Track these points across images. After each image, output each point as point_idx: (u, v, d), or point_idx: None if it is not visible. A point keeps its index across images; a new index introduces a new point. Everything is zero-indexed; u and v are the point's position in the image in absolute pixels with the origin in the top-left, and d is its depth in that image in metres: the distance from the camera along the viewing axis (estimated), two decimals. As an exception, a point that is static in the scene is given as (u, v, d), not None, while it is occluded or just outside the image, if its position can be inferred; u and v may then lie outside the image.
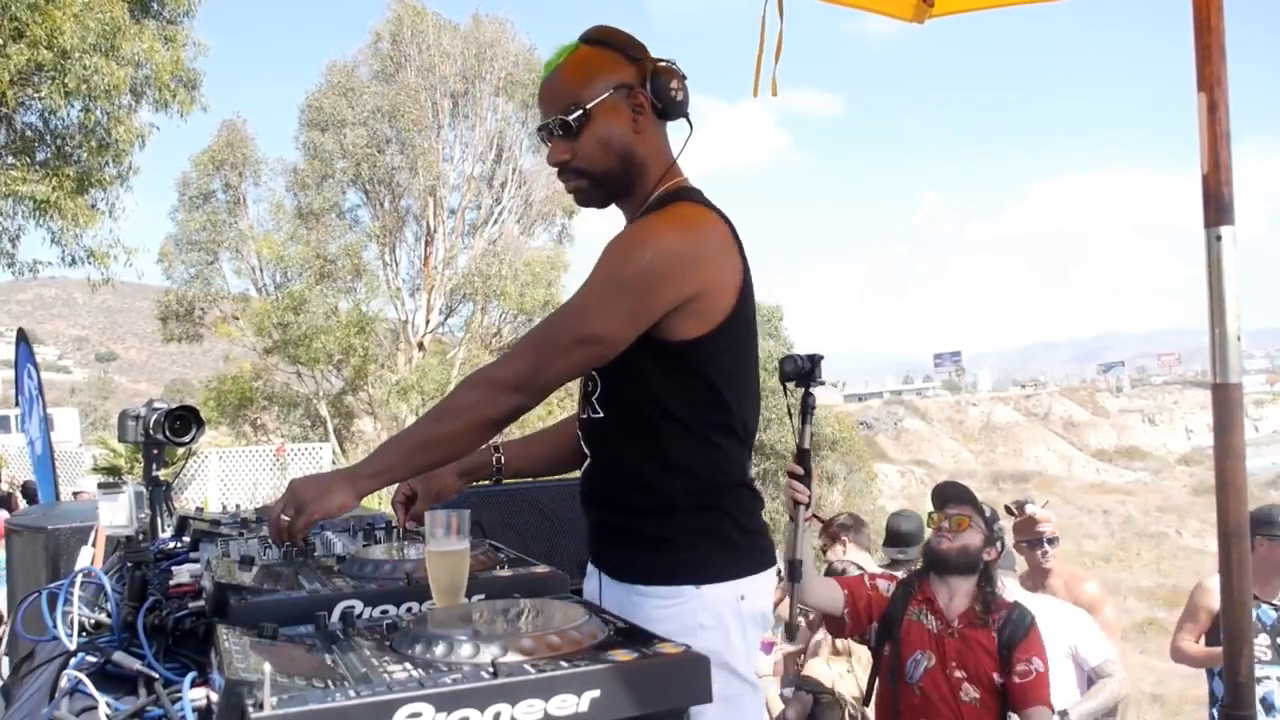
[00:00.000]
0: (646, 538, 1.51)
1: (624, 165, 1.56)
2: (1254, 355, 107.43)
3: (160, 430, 2.28)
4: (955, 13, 2.32)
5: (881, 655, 2.62)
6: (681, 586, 1.46)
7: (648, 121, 1.55)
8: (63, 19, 8.51)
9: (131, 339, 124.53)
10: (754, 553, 1.54)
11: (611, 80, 1.53)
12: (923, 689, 2.50)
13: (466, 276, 17.86)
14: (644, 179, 1.58)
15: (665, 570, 1.48)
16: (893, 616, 2.59)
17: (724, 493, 1.53)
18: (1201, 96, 1.69)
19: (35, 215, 9.39)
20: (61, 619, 1.27)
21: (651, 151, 1.58)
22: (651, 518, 1.50)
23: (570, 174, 1.58)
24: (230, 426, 18.42)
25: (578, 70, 1.55)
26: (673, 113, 1.57)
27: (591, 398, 1.56)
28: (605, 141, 1.53)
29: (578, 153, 1.54)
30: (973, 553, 2.56)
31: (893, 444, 54.91)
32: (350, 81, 17.66)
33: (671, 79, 1.54)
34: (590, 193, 1.60)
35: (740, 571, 1.50)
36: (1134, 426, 65.06)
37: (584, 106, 1.51)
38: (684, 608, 1.44)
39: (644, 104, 1.54)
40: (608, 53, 1.56)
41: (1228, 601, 1.68)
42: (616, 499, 1.55)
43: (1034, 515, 3.79)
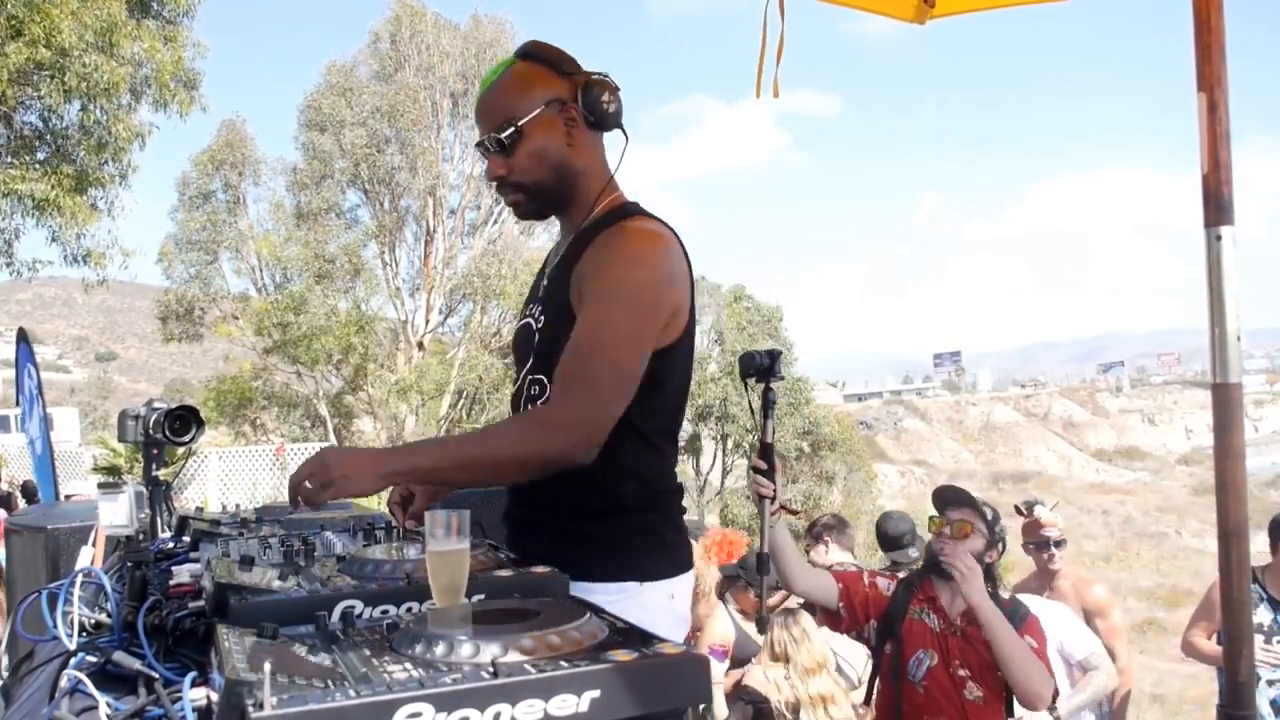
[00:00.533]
0: (595, 538, 1.54)
1: (558, 178, 1.60)
2: (1254, 355, 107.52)
3: (160, 430, 2.28)
4: (956, 13, 2.32)
5: (883, 654, 2.62)
6: (626, 583, 1.52)
7: (582, 134, 1.59)
8: (60, 17, 8.51)
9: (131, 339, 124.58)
10: (681, 554, 1.62)
11: (544, 95, 1.56)
12: (926, 687, 2.50)
13: (466, 276, 17.87)
14: (581, 191, 1.62)
15: (613, 567, 1.52)
16: (894, 615, 2.59)
17: (663, 496, 1.62)
18: (1201, 96, 1.69)
19: (34, 214, 9.39)
20: (61, 619, 1.27)
21: (587, 164, 1.62)
22: (602, 519, 1.54)
23: (507, 188, 1.61)
24: (230, 426, 18.43)
25: (511, 87, 1.58)
26: (606, 124, 1.60)
27: (537, 401, 1.59)
28: (539, 155, 1.57)
29: (513, 168, 1.58)
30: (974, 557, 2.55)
31: (892, 444, 54.96)
32: (349, 81, 17.67)
33: (604, 91, 1.58)
34: (527, 206, 1.64)
35: (672, 571, 1.58)
36: (1134, 426, 65.11)
37: (517, 123, 1.55)
38: (628, 604, 1.45)
39: (576, 117, 1.57)
40: (540, 68, 1.59)
41: (1227, 601, 1.68)
42: (567, 502, 1.56)
43: (1041, 518, 3.78)
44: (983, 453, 57.23)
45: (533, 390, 1.61)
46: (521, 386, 1.65)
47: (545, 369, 1.58)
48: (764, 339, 21.29)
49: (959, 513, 2.61)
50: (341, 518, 1.85)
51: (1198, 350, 47.00)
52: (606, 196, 1.63)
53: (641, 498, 1.57)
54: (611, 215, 1.61)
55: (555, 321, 1.58)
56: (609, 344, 1.46)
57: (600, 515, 1.55)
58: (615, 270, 1.51)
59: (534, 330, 1.64)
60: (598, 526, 1.55)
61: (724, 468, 21.65)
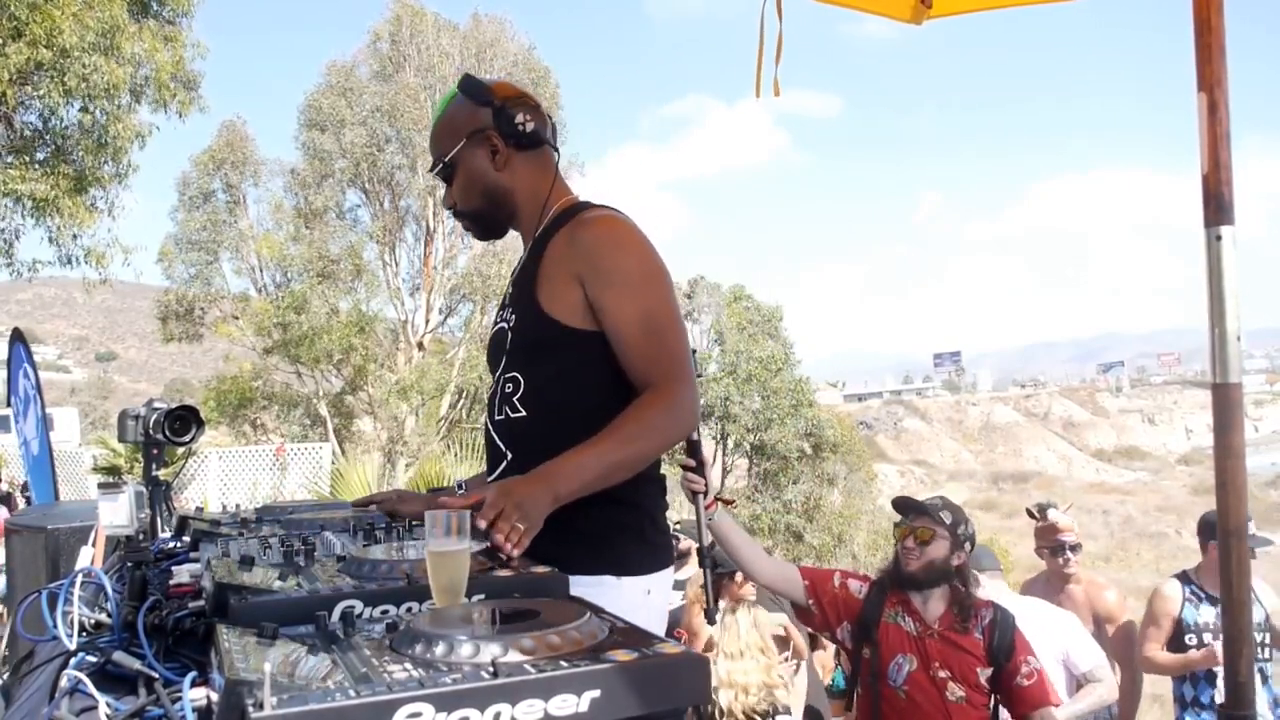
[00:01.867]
0: (570, 531, 1.54)
1: (492, 201, 1.71)
2: (1254, 355, 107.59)
3: (160, 430, 2.28)
4: (953, 14, 2.32)
5: (860, 658, 2.61)
6: (602, 576, 1.54)
7: (508, 156, 1.68)
8: (62, 18, 8.52)
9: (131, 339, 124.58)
10: (662, 551, 1.65)
11: (465, 129, 1.68)
12: (907, 692, 2.49)
13: (466, 276, 17.87)
14: (522, 208, 1.72)
15: (588, 560, 1.53)
16: (869, 619, 2.58)
17: (642, 488, 1.63)
18: (1201, 96, 1.69)
19: (34, 214, 9.39)
20: (61, 619, 1.27)
21: (520, 183, 1.71)
22: (576, 512, 1.52)
23: (458, 216, 1.76)
24: (230, 426, 18.42)
25: (442, 125, 1.72)
26: (527, 143, 1.69)
27: (512, 398, 1.65)
28: (470, 185, 1.70)
29: (456, 198, 1.73)
30: (940, 565, 2.56)
31: (892, 444, 54.96)
32: (350, 81, 17.67)
33: (518, 112, 1.66)
34: (475, 229, 1.78)
35: (650, 567, 1.61)
36: (1134, 426, 65.13)
37: (445, 158, 1.69)
38: (604, 598, 1.44)
39: (498, 143, 1.67)
40: (463, 103, 1.70)
41: (1227, 601, 1.68)
42: None
43: (1056, 522, 3.76)
44: (983, 453, 57.23)
45: (507, 388, 1.66)
46: (497, 386, 1.70)
47: (519, 366, 1.66)
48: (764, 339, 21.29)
49: (920, 520, 2.61)
50: (341, 518, 1.85)
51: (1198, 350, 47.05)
52: (554, 204, 1.72)
53: (622, 493, 1.57)
54: (564, 215, 1.68)
55: (526, 321, 1.65)
56: (666, 323, 1.58)
57: (575, 508, 1.53)
58: (620, 258, 1.59)
59: (507, 331, 1.70)
60: (574, 518, 1.54)
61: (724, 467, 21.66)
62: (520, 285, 1.70)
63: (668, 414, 1.53)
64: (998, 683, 2.50)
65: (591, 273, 1.57)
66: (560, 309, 1.60)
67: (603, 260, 1.58)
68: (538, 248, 1.68)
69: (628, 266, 1.58)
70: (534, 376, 1.63)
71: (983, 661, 2.49)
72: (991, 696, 2.51)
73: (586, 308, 1.59)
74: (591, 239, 1.60)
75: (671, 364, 1.55)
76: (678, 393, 1.53)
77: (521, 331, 1.66)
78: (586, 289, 1.58)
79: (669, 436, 1.55)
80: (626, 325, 1.56)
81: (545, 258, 1.65)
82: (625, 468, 1.52)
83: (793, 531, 19.11)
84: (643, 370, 1.56)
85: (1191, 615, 3.49)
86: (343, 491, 8.57)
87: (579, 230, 1.62)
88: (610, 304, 1.57)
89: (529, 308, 1.64)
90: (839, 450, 21.12)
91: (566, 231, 1.64)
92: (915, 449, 55.35)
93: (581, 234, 1.61)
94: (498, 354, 1.73)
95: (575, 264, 1.59)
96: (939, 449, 56.47)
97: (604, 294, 1.57)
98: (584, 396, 1.59)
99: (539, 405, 1.63)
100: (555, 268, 1.62)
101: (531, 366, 1.64)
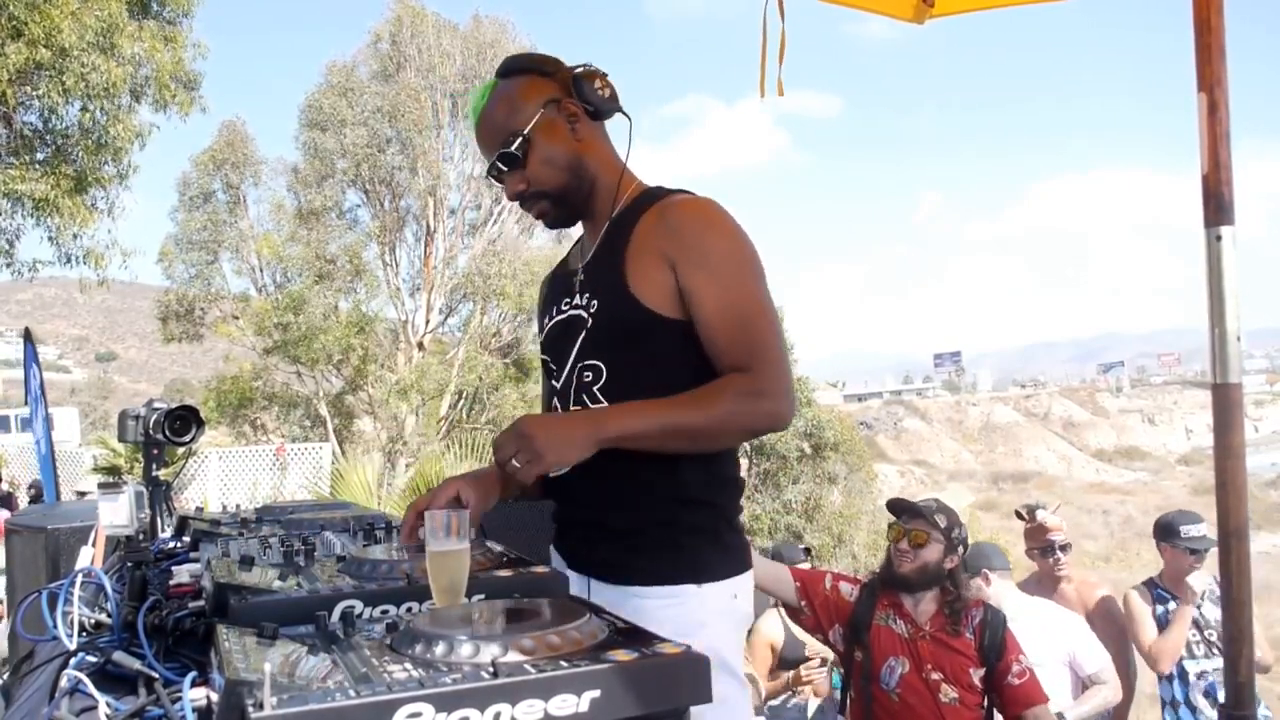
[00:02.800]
0: (649, 538, 1.48)
1: (576, 176, 1.59)
2: (1254, 355, 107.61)
3: (160, 430, 2.28)
4: (955, 13, 2.33)
5: (852, 661, 2.60)
6: (683, 586, 1.45)
7: (585, 127, 1.59)
8: (60, 17, 8.51)
9: (131, 339, 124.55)
10: (741, 552, 1.56)
11: (539, 99, 1.57)
12: (900, 695, 2.49)
13: (466, 276, 17.86)
14: (599, 184, 1.62)
15: (668, 570, 1.46)
16: (860, 621, 2.58)
17: (722, 488, 1.55)
18: (1201, 96, 1.69)
19: (34, 214, 9.39)
20: (61, 619, 1.27)
21: (598, 156, 1.62)
22: (653, 517, 1.48)
23: (531, 200, 1.61)
24: (230, 426, 18.42)
25: (504, 103, 1.59)
26: (606, 111, 1.60)
27: (592, 388, 1.54)
28: (552, 159, 1.57)
29: (530, 179, 1.58)
30: (933, 568, 2.56)
31: (893, 444, 54.94)
32: (350, 81, 17.66)
33: (594, 80, 1.58)
34: (555, 213, 1.64)
35: (732, 570, 1.52)
36: (1134, 426, 65.11)
37: (521, 133, 1.55)
38: (685, 607, 1.43)
39: (576, 111, 1.57)
40: (525, 78, 1.60)
41: (1228, 601, 1.68)
42: (619, 497, 1.50)
43: (1045, 522, 3.76)
44: (983, 453, 57.22)
45: (585, 377, 1.55)
46: (571, 376, 1.58)
47: (600, 354, 1.55)
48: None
49: (914, 523, 2.61)
50: (341, 518, 1.85)
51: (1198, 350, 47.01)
52: (628, 184, 1.63)
53: (699, 490, 1.50)
54: (644, 197, 1.60)
55: (611, 306, 1.54)
56: (757, 311, 1.49)
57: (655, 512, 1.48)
58: (715, 242, 1.50)
59: (583, 318, 1.58)
60: (653, 523, 1.48)
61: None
62: (600, 269, 1.59)
63: (748, 398, 1.43)
64: (989, 682, 2.50)
65: (683, 255, 1.49)
66: (649, 293, 1.51)
67: (696, 242, 1.49)
68: (618, 229, 1.58)
69: (721, 249, 1.50)
70: (618, 364, 1.53)
71: (975, 662, 2.49)
72: (984, 697, 2.51)
73: (676, 293, 1.50)
74: (684, 220, 1.52)
75: (763, 352, 1.46)
76: (761, 382, 1.44)
77: (605, 317, 1.55)
78: (677, 272, 1.49)
79: (744, 421, 1.45)
80: (716, 311, 1.48)
81: (632, 239, 1.55)
82: (685, 436, 1.42)
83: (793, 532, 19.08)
84: (731, 359, 1.47)
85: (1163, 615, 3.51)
86: (343, 491, 8.56)
87: (670, 211, 1.54)
88: (700, 288, 1.48)
89: (615, 291, 1.53)
90: (839, 450, 21.09)
91: (655, 212, 1.55)
92: (915, 449, 55.33)
93: (673, 214, 1.53)
94: (566, 342, 1.61)
95: (666, 245, 1.51)
96: (939, 449, 56.45)
97: (695, 277, 1.48)
98: (671, 388, 1.47)
99: (623, 395, 1.51)
100: (644, 249, 1.53)
101: (616, 354, 1.53)
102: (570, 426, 1.40)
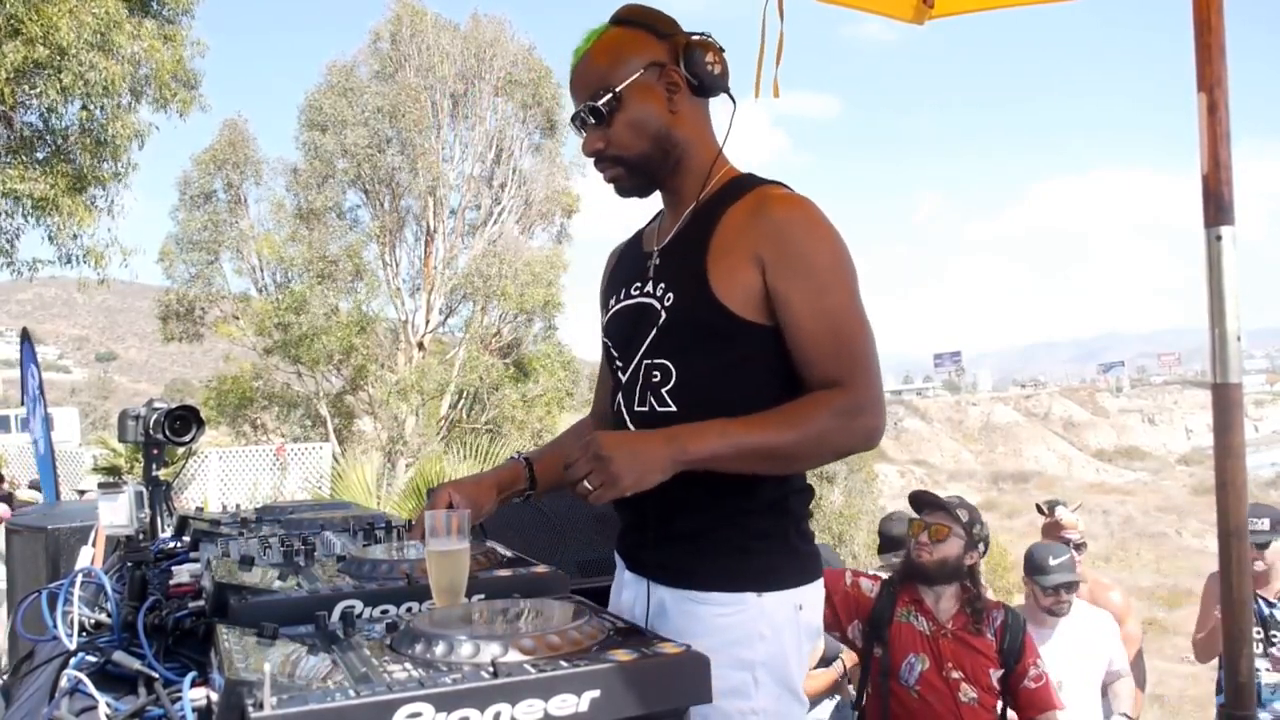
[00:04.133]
0: (713, 542, 1.41)
1: (661, 149, 1.47)
2: (1254, 355, 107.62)
3: (160, 430, 2.28)
4: (955, 14, 2.32)
5: (870, 657, 2.59)
6: (744, 594, 1.38)
7: (684, 100, 1.46)
8: (59, 16, 8.49)
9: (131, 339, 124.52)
10: (810, 560, 1.47)
11: (641, 60, 1.44)
12: (920, 692, 2.48)
13: (466, 276, 17.85)
14: (687, 162, 1.49)
15: (729, 576, 1.39)
16: (880, 618, 2.57)
17: (793, 494, 1.45)
18: (1201, 96, 1.69)
19: (34, 214, 9.38)
20: (61, 619, 1.27)
21: (691, 133, 1.48)
22: (721, 520, 1.40)
23: (606, 162, 1.49)
24: (230, 426, 18.40)
25: (606, 53, 1.46)
26: (712, 88, 1.47)
27: (660, 389, 1.44)
28: (639, 125, 1.44)
29: (611, 140, 1.46)
30: (953, 563, 2.55)
31: (893, 444, 54.91)
32: (350, 81, 17.65)
33: (707, 52, 1.45)
34: (628, 181, 1.50)
35: (799, 580, 1.43)
36: (1134, 426, 65.11)
37: (614, 90, 1.43)
38: (744, 616, 1.37)
39: (679, 82, 1.45)
40: (636, 31, 1.47)
41: (1227, 601, 1.68)
42: (687, 499, 1.39)
43: (1062, 519, 3.75)
44: (983, 453, 57.21)
45: (654, 376, 1.45)
46: (638, 373, 1.48)
47: (671, 353, 1.44)
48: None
49: (934, 516, 2.60)
50: (341, 517, 1.85)
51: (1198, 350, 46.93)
52: (720, 168, 1.51)
53: (768, 494, 1.41)
54: (736, 185, 1.48)
55: (688, 301, 1.43)
56: (853, 320, 1.38)
57: (721, 515, 1.40)
58: (811, 246, 1.38)
59: (657, 310, 1.46)
60: (718, 527, 1.41)
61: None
62: (680, 257, 1.47)
63: (840, 417, 1.32)
64: (1006, 684, 2.50)
65: (776, 257, 1.37)
66: (733, 295, 1.38)
67: (791, 244, 1.37)
68: (704, 217, 1.46)
69: (819, 254, 1.37)
70: (690, 368, 1.42)
71: (994, 663, 2.49)
72: (1000, 699, 2.51)
73: (763, 297, 1.38)
74: (781, 219, 1.39)
75: (856, 366, 1.35)
76: (858, 398, 1.33)
77: (682, 313, 1.43)
78: (768, 274, 1.37)
79: (833, 442, 1.34)
80: (810, 320, 1.36)
81: (718, 231, 1.42)
82: (773, 458, 1.32)
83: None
84: (822, 371, 1.36)
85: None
86: (343, 491, 8.56)
87: (766, 206, 1.40)
88: (793, 295, 1.36)
89: (695, 286, 1.41)
90: (839, 450, 21.09)
91: (749, 204, 1.42)
92: (915, 449, 55.32)
93: (770, 211, 1.40)
94: (637, 333, 1.49)
95: (758, 244, 1.38)
96: (939, 449, 56.44)
97: (788, 282, 1.36)
98: (747, 400, 1.36)
99: (694, 402, 1.41)
100: (732, 245, 1.40)
101: (689, 355, 1.42)
102: (649, 447, 1.28)
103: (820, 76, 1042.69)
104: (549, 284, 17.50)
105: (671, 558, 1.44)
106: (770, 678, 1.36)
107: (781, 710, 1.37)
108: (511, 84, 18.03)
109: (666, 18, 1.50)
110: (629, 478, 1.25)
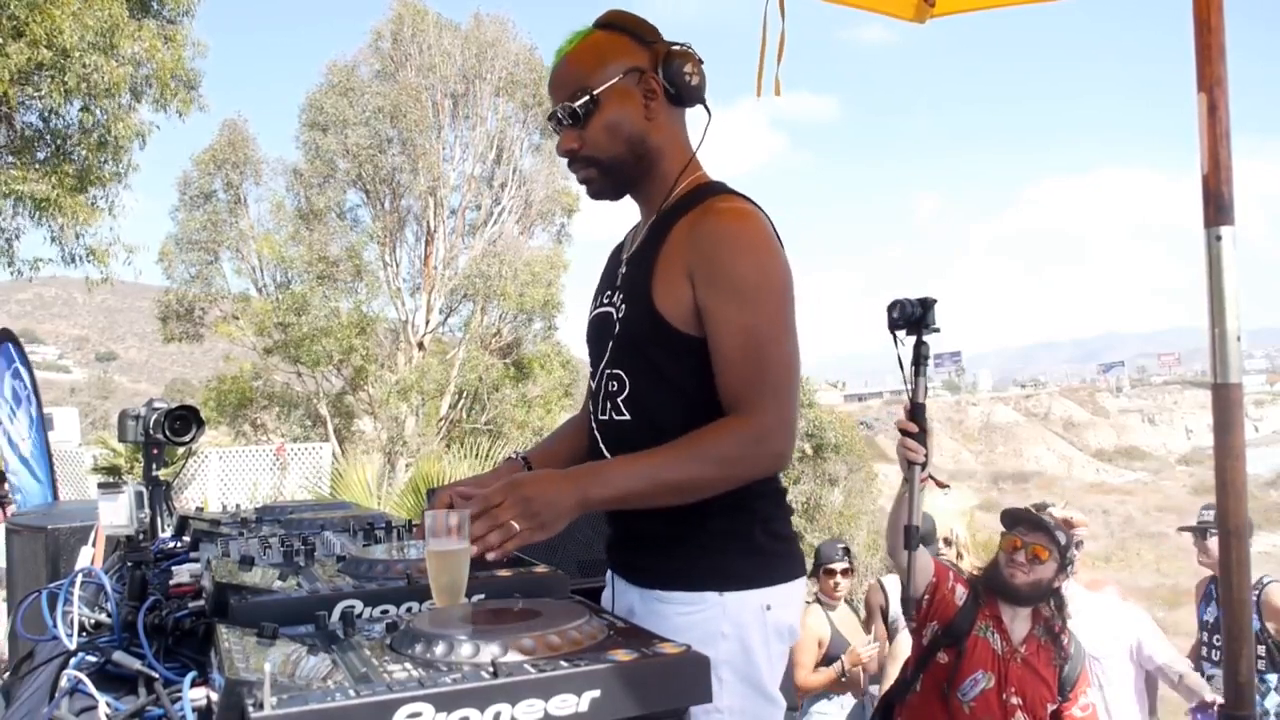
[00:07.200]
0: (672, 542, 1.44)
1: (634, 153, 1.49)
2: (1254, 355, 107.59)
3: (160, 430, 2.28)
4: (956, 12, 2.32)
5: (933, 661, 2.48)
6: (704, 593, 1.40)
7: (661, 108, 1.49)
8: (61, 17, 8.50)
9: (131, 339, 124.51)
10: (782, 561, 1.47)
11: (621, 65, 1.47)
12: (973, 708, 2.41)
13: (466, 276, 17.85)
14: (659, 169, 1.51)
15: (688, 576, 1.42)
16: (960, 628, 2.46)
17: (754, 496, 1.45)
18: (1201, 96, 1.69)
19: (35, 214, 9.39)
20: (61, 619, 1.27)
21: (666, 140, 1.51)
22: (679, 522, 1.41)
23: (579, 163, 1.51)
24: (230, 426, 18.41)
25: (586, 56, 1.49)
26: (688, 98, 1.49)
27: (616, 398, 1.48)
28: (614, 128, 1.47)
29: (586, 141, 1.48)
30: (1045, 586, 2.46)
31: (893, 444, 54.79)
32: (351, 81, 17.65)
33: (686, 62, 1.47)
34: (601, 183, 1.52)
35: (766, 580, 1.43)
36: (1134, 426, 65.12)
37: (591, 92, 1.45)
38: (705, 615, 1.39)
39: (657, 89, 1.47)
40: (618, 36, 1.50)
41: (1227, 601, 1.68)
42: None
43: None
44: (983, 453, 57.22)
45: (611, 386, 1.49)
46: (601, 381, 1.52)
47: (624, 363, 1.47)
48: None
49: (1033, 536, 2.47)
50: (341, 517, 1.85)
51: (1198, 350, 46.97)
52: (688, 176, 1.52)
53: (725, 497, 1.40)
54: (695, 195, 1.49)
55: (635, 312, 1.46)
56: (770, 340, 1.37)
57: (678, 518, 1.39)
58: (736, 261, 1.38)
59: (614, 320, 1.50)
60: (676, 528, 1.42)
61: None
62: (636, 267, 1.49)
63: (744, 445, 1.34)
64: (1058, 715, 2.45)
65: (705, 271, 1.38)
66: (670, 306, 1.41)
67: (719, 260, 1.38)
68: (660, 227, 1.48)
69: (746, 272, 1.37)
70: (637, 378, 1.46)
71: (1053, 696, 2.44)
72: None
73: (695, 310, 1.40)
74: (713, 232, 1.40)
75: (764, 390, 1.35)
76: (764, 424, 1.34)
77: (629, 323, 1.47)
78: (695, 288, 1.39)
79: (738, 471, 1.35)
80: (728, 337, 1.37)
81: (668, 242, 1.44)
82: (677, 492, 1.33)
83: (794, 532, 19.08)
84: (733, 391, 1.37)
85: None
86: (343, 491, 8.55)
87: (705, 218, 1.42)
88: (716, 310, 1.38)
89: (641, 298, 1.44)
90: (839, 451, 21.10)
91: (693, 216, 1.44)
92: (915, 449, 55.26)
93: (705, 224, 1.41)
94: (601, 343, 1.53)
95: (690, 257, 1.40)
96: (939, 449, 56.41)
97: (713, 299, 1.38)
98: (690, 411, 1.39)
99: (641, 411, 1.45)
100: (674, 257, 1.42)
101: (635, 365, 1.46)
102: (558, 491, 1.27)
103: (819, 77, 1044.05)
104: (549, 284, 17.51)
105: (637, 557, 1.49)
106: (734, 677, 1.38)
107: (750, 709, 1.38)
108: (512, 84, 18.04)
109: (649, 25, 1.52)
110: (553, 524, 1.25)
